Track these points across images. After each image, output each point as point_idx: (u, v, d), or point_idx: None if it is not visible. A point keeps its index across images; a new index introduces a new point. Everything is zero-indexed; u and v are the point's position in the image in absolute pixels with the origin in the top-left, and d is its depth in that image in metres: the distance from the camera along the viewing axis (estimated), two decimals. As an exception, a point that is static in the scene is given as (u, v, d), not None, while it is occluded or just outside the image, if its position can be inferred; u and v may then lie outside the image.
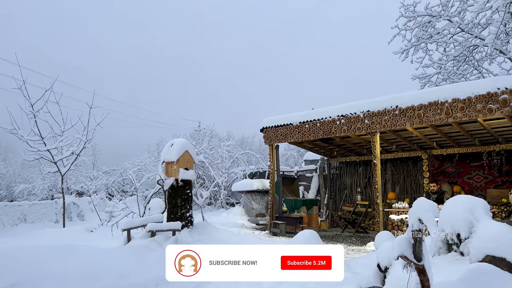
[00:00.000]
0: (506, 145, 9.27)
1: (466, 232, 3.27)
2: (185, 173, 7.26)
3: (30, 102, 10.61)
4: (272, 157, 10.88)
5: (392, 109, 8.21)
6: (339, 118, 9.10)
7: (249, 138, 32.89)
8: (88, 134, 11.21)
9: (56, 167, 11.20)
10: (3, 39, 64.52)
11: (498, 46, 10.55)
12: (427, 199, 2.50)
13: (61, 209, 12.96)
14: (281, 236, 9.64)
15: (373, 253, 5.88)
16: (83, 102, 11.51)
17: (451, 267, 3.15)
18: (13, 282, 3.33)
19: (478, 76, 12.08)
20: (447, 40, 11.63)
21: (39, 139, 10.64)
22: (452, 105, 7.33)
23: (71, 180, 21.71)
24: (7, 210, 12.87)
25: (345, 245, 8.50)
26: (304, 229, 5.75)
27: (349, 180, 12.73)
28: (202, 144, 18.30)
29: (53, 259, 3.98)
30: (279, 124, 10.43)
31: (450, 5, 11.19)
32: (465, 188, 10.23)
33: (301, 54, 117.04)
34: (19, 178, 24.08)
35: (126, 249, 5.74)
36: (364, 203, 11.25)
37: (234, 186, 14.52)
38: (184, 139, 8.03)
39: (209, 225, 7.88)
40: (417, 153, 10.75)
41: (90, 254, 4.52)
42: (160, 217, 7.24)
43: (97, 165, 28.26)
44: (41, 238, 8.69)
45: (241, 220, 12.66)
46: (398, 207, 8.82)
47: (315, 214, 11.89)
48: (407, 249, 2.32)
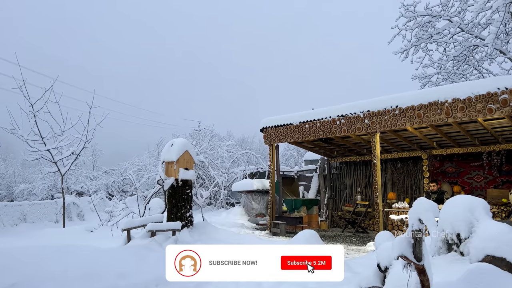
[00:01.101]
0: (506, 145, 9.27)
1: (466, 232, 3.27)
2: (185, 173, 7.26)
3: (30, 102, 10.61)
4: (272, 157, 10.88)
5: (392, 109, 8.21)
6: (339, 118, 9.09)
7: (249, 138, 32.90)
8: (88, 134, 11.21)
9: (56, 167, 11.20)
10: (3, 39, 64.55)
11: (498, 46, 10.55)
12: (427, 199, 2.50)
13: (61, 209, 12.96)
14: (281, 236, 9.64)
15: (373, 253, 5.88)
16: (83, 102, 11.53)
17: (451, 267, 3.14)
18: (13, 282, 3.33)
19: (478, 76, 12.07)
20: (447, 40, 11.63)
21: (39, 139, 10.64)
22: (452, 105, 7.32)
23: (71, 180, 21.72)
24: (7, 210, 12.87)
25: (345, 245, 8.50)
26: (304, 229, 5.76)
27: (349, 180, 12.73)
28: (202, 144, 18.30)
29: (53, 259, 3.98)
30: (279, 124, 10.43)
31: (450, 5, 11.19)
32: (465, 188, 10.23)
33: (301, 52, 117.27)
34: (19, 178, 24.08)
35: (126, 249, 5.74)
36: (364, 203, 11.25)
37: (234, 186, 14.52)
38: (184, 139, 8.03)
39: (209, 225, 7.88)
40: (417, 153, 10.75)
41: (90, 254, 4.52)
42: (160, 217, 7.24)
43: (97, 165, 28.27)
44: (41, 238, 8.69)
45: (241, 220, 12.66)
46: (398, 207, 8.82)
47: (315, 214, 11.90)
48: (407, 249, 2.32)
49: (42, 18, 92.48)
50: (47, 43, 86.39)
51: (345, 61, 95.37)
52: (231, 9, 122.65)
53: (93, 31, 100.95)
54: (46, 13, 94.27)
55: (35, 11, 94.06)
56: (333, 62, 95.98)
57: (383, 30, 15.47)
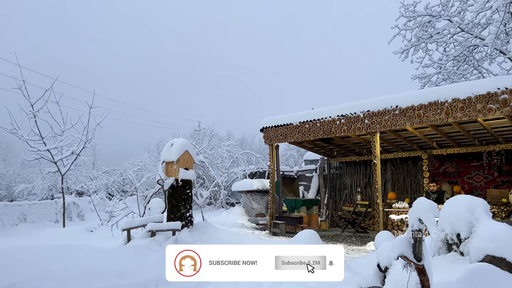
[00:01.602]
0: (506, 145, 9.27)
1: (466, 232, 3.27)
2: (185, 173, 7.26)
3: (30, 102, 10.61)
4: (272, 157, 10.88)
5: (392, 109, 8.21)
6: (339, 118, 9.10)
7: (249, 138, 32.89)
8: (88, 134, 11.21)
9: (56, 167, 11.19)
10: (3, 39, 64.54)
11: (498, 46, 10.55)
12: (427, 199, 2.50)
13: (61, 209, 12.96)
14: (281, 236, 9.64)
15: (373, 253, 5.88)
16: (83, 102, 11.53)
17: (451, 267, 3.14)
18: (14, 282, 3.33)
19: (478, 76, 12.08)
20: (447, 40, 11.64)
21: (39, 139, 10.64)
22: (452, 105, 7.33)
23: (71, 180, 21.72)
24: (7, 210, 12.87)
25: (345, 245, 8.51)
26: (304, 229, 5.75)
27: (349, 180, 12.73)
28: (202, 144, 18.30)
29: (53, 258, 3.98)
30: (279, 124, 10.43)
31: (450, 5, 11.19)
32: (465, 188, 10.23)
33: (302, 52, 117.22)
34: (19, 178, 24.07)
35: (126, 249, 5.74)
36: (364, 203, 11.25)
37: (234, 186, 14.52)
38: (184, 139, 8.03)
39: (209, 225, 7.88)
40: (417, 153, 10.75)
41: (90, 254, 4.52)
42: (160, 217, 7.24)
43: (97, 165, 28.25)
44: (41, 238, 8.69)
45: (241, 220, 12.66)
46: (398, 207, 8.82)
47: (315, 214, 11.90)
48: (407, 249, 2.32)
49: (42, 18, 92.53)
50: (47, 42, 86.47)
51: (345, 61, 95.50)
52: (232, 9, 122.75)
53: (93, 31, 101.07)
54: (46, 12, 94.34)
55: (35, 10, 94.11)
56: (333, 62, 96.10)
57: (383, 30, 15.49)
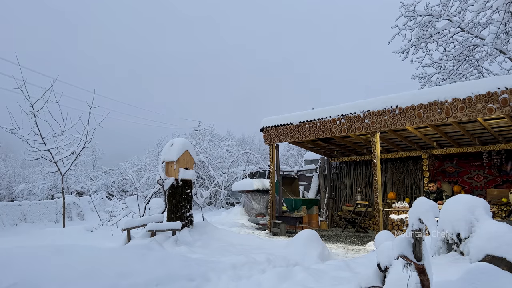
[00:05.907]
0: (506, 145, 9.27)
1: (466, 231, 3.27)
2: (185, 172, 7.26)
3: (30, 102, 10.60)
4: (272, 156, 10.88)
5: (392, 108, 8.21)
6: (339, 118, 9.09)
7: (249, 138, 32.89)
8: (88, 134, 11.20)
9: (56, 167, 11.19)
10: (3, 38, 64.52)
11: (498, 46, 10.55)
12: (427, 199, 2.50)
13: (61, 208, 12.97)
14: (281, 236, 9.65)
15: (373, 252, 5.88)
16: (83, 102, 11.52)
17: (451, 266, 3.14)
18: (14, 282, 3.33)
19: (478, 76, 12.08)
20: (447, 40, 11.64)
21: (39, 139, 10.64)
22: (452, 104, 7.32)
23: (71, 180, 21.72)
24: (7, 210, 12.88)
25: (345, 244, 8.51)
26: (304, 229, 5.76)
27: (349, 179, 12.73)
28: (202, 143, 18.31)
29: (53, 258, 3.98)
30: (279, 124, 10.43)
31: (450, 4, 11.20)
32: (465, 187, 10.23)
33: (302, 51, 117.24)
34: (19, 177, 24.08)
35: (126, 248, 5.74)
36: (364, 202, 11.25)
37: (234, 185, 14.52)
38: (184, 139, 8.03)
39: (209, 224, 7.89)
40: (417, 152, 10.75)
41: (91, 254, 4.52)
42: (160, 216, 7.24)
43: (97, 164, 28.23)
44: (41, 237, 8.68)
45: (241, 220, 12.66)
46: (398, 206, 8.82)
47: (315, 214, 11.90)
48: (407, 249, 2.32)
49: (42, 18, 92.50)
50: (47, 42, 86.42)
51: (345, 61, 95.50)
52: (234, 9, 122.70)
53: (93, 30, 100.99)
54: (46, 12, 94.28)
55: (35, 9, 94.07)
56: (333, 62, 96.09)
57: (383, 30, 15.49)
